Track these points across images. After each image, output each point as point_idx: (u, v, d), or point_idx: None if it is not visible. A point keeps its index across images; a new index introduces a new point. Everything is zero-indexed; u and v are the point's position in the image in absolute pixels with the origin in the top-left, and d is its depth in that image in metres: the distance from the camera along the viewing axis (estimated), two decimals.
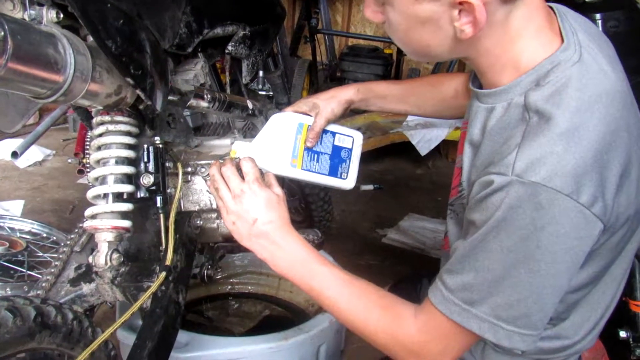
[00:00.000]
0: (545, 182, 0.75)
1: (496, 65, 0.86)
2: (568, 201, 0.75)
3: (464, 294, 0.83)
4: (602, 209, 0.77)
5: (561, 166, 0.75)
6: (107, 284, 1.14)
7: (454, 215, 1.01)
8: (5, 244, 2.02)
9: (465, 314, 0.83)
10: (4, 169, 3.21)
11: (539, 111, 0.79)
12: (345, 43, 5.11)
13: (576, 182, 0.75)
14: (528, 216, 0.76)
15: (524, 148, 0.77)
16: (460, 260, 0.85)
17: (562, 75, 0.80)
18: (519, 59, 0.84)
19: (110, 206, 1.11)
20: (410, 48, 0.89)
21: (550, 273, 0.79)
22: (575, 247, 0.78)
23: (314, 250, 1.00)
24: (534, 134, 0.78)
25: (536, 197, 0.75)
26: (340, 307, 0.95)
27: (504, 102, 0.86)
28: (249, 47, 1.48)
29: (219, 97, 1.38)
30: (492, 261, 0.81)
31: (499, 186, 0.78)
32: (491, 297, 0.81)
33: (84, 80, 0.89)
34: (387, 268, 2.47)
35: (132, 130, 1.16)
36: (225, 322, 1.91)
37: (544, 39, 0.83)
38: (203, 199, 1.31)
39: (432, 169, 3.67)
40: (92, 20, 0.83)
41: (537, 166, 0.76)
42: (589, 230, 0.78)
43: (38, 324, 0.93)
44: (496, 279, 0.81)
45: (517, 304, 0.81)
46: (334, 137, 1.26)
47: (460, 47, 0.84)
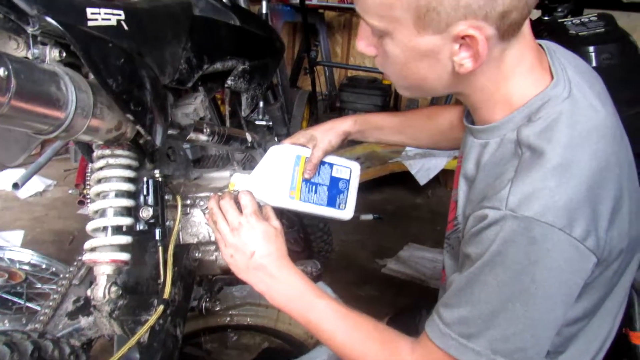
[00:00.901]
0: (538, 217, 0.76)
1: (489, 102, 0.88)
2: (561, 235, 0.76)
3: (460, 327, 0.84)
4: (595, 243, 0.78)
5: (554, 201, 0.76)
6: (105, 317, 1.14)
7: (450, 249, 1.02)
8: (4, 275, 2.02)
9: (462, 349, 0.83)
10: (5, 199, 3.22)
11: (531, 146, 0.81)
12: (344, 74, 5.17)
13: (569, 217, 0.76)
14: (522, 250, 0.77)
15: (517, 183, 0.79)
16: (457, 293, 0.85)
17: (553, 111, 0.82)
18: (511, 95, 0.85)
19: (109, 239, 1.12)
20: (406, 82, 0.90)
21: (546, 306, 0.80)
22: (569, 281, 0.79)
23: (312, 283, 1.01)
24: (526, 169, 0.79)
25: (530, 232, 0.76)
26: (338, 341, 0.95)
27: (497, 138, 0.88)
28: (248, 81, 1.50)
29: (218, 131, 1.40)
30: (487, 295, 0.81)
31: (493, 220, 0.79)
32: (487, 330, 0.82)
33: (85, 117, 0.91)
34: (387, 299, 2.46)
35: (132, 163, 1.17)
36: (224, 355, 1.89)
37: (535, 76, 0.85)
38: (202, 232, 1.31)
39: (431, 198, 3.68)
40: (94, 59, 0.85)
41: (530, 201, 0.77)
42: (583, 264, 0.79)
43: (35, 359, 0.93)
44: (492, 312, 0.81)
45: (513, 337, 0.81)
46: (331, 168, 1.27)
47: (457, 82, 0.86)
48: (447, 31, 0.77)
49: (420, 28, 0.78)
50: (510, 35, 0.79)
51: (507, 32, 0.78)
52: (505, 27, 0.77)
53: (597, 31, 1.83)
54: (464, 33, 0.76)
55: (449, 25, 0.76)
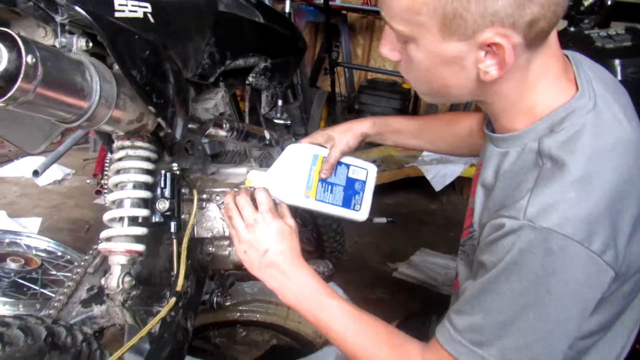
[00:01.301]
0: (556, 229, 0.75)
1: (512, 111, 0.87)
2: (579, 248, 0.75)
3: (472, 335, 0.83)
4: (613, 257, 0.77)
5: (573, 213, 0.75)
6: (118, 306, 1.15)
7: (465, 257, 1.02)
8: (20, 260, 2.05)
9: (472, 356, 0.83)
10: (24, 186, 3.26)
11: (553, 157, 0.80)
12: (364, 76, 5.17)
13: (588, 230, 0.75)
14: (539, 261, 0.76)
15: (537, 193, 0.78)
16: (470, 301, 0.85)
17: (577, 123, 0.81)
18: (534, 105, 0.85)
19: (125, 229, 1.13)
20: (429, 88, 0.89)
21: (560, 319, 0.79)
22: (586, 294, 0.78)
23: (323, 282, 1.01)
24: (546, 179, 0.78)
25: (547, 243, 0.76)
26: (347, 342, 0.95)
27: (518, 148, 0.87)
28: (269, 79, 1.51)
29: (238, 127, 1.40)
30: (501, 304, 0.80)
31: (511, 230, 0.78)
32: (499, 339, 0.81)
33: (108, 107, 0.92)
34: (397, 302, 2.45)
35: (151, 156, 1.18)
36: (232, 350, 1.90)
37: (560, 87, 0.84)
38: (216, 226, 1.32)
39: (446, 205, 3.66)
40: (120, 50, 0.86)
41: (549, 212, 0.76)
42: (600, 278, 0.78)
43: (48, 344, 0.94)
44: (505, 321, 0.80)
45: (526, 348, 0.80)
46: (348, 169, 1.27)
47: (480, 90, 0.85)
48: (474, 38, 0.76)
49: (445, 34, 0.77)
50: (537, 44, 0.79)
51: (534, 40, 0.77)
52: (532, 36, 0.76)
53: (624, 44, 1.80)
54: (491, 40, 0.75)
55: (476, 32, 0.75)
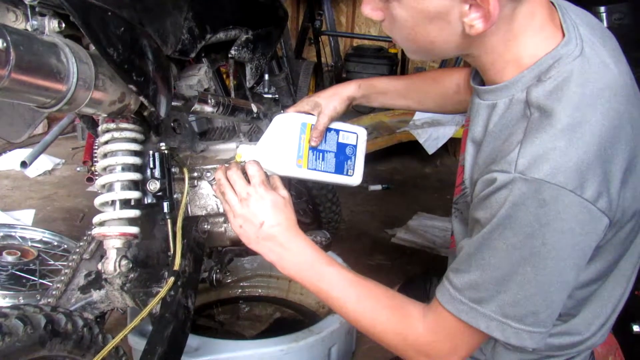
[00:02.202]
0: (548, 179, 0.74)
1: (499, 62, 0.85)
2: (572, 197, 0.74)
3: (471, 292, 0.83)
4: (607, 204, 0.76)
5: (564, 162, 0.74)
6: (117, 290, 1.15)
7: (459, 214, 1.01)
8: (17, 253, 2.03)
9: (472, 313, 0.83)
10: (14, 179, 3.24)
11: (541, 107, 0.79)
12: (350, 44, 5.11)
13: (580, 178, 0.74)
14: (532, 213, 0.76)
15: (526, 145, 0.77)
16: (466, 259, 0.84)
17: (564, 70, 0.79)
18: (521, 55, 0.83)
19: (117, 213, 1.12)
20: (415, 45, 0.88)
21: (557, 269, 0.79)
22: (581, 243, 0.78)
23: (321, 251, 1.00)
24: (535, 130, 0.77)
25: (540, 194, 0.75)
26: (349, 308, 0.95)
27: (506, 99, 0.86)
28: (252, 50, 1.48)
29: (224, 102, 1.38)
30: (498, 259, 0.80)
31: (502, 184, 0.78)
32: (498, 295, 0.81)
33: (87, 89, 0.90)
34: (397, 268, 2.46)
35: (138, 137, 1.17)
36: (236, 326, 1.91)
37: (546, 34, 0.82)
38: (210, 204, 1.31)
39: (440, 168, 3.66)
40: (94, 28, 0.84)
41: (539, 163, 0.75)
42: (594, 226, 0.77)
43: (49, 332, 0.93)
44: (503, 276, 0.80)
45: (525, 301, 0.80)
46: (337, 134, 1.26)
47: (466, 44, 0.83)
48: None
49: None
50: None
51: None
52: None
53: None
54: None
55: None
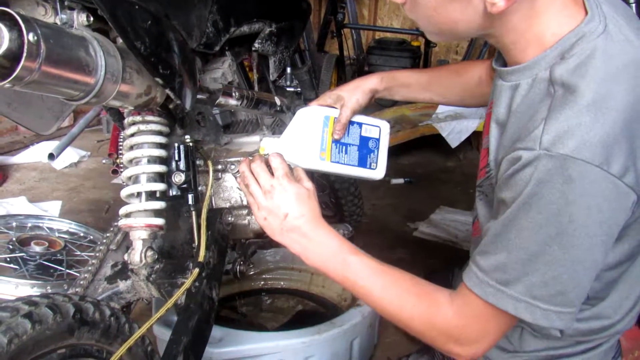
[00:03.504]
0: (574, 154, 0.74)
1: (521, 42, 0.85)
2: (598, 172, 0.74)
3: (497, 274, 0.83)
4: (634, 179, 0.76)
5: (589, 137, 0.74)
6: (143, 280, 1.16)
7: (483, 197, 1.01)
8: (44, 243, 2.07)
9: (500, 295, 0.83)
10: (42, 170, 3.30)
11: (565, 84, 0.78)
12: (372, 37, 5.08)
13: (606, 153, 0.74)
14: (558, 190, 0.75)
15: (551, 121, 0.77)
16: (493, 240, 0.84)
17: (587, 47, 0.79)
18: (543, 34, 0.83)
19: (143, 205, 1.13)
20: (436, 27, 0.88)
21: (584, 247, 0.78)
22: (609, 220, 0.77)
23: (346, 241, 1.00)
24: (560, 106, 0.77)
25: (566, 170, 0.74)
26: (375, 296, 0.95)
27: (529, 79, 0.85)
28: (275, 44, 1.48)
29: (247, 95, 1.39)
30: (524, 239, 0.80)
31: (527, 161, 0.77)
32: (526, 276, 0.81)
33: (115, 82, 0.91)
34: (419, 262, 2.45)
35: (163, 129, 1.18)
36: (259, 318, 1.92)
37: (569, 13, 0.82)
38: (234, 196, 1.32)
39: (462, 161, 3.63)
40: (121, 22, 0.85)
41: (564, 138, 0.75)
42: (622, 202, 0.77)
43: (77, 321, 0.95)
44: (529, 256, 0.80)
45: (553, 281, 0.80)
46: (360, 127, 1.26)
47: (488, 23, 0.84)
48: None
49: None
50: None
51: None
52: None
53: None
54: None
55: None
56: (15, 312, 0.87)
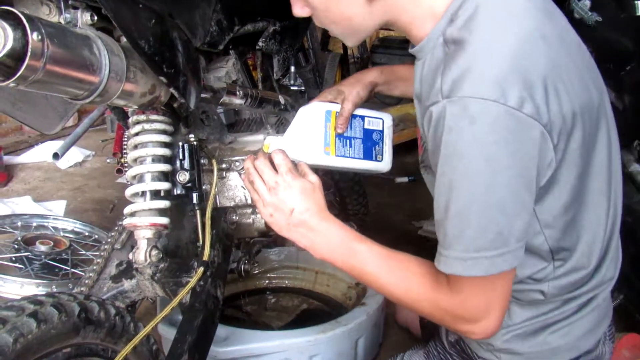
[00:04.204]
0: (471, 94, 0.78)
1: (417, 20, 0.91)
2: (497, 106, 0.77)
3: (442, 238, 0.86)
4: (533, 109, 0.79)
5: (482, 76, 0.78)
6: (147, 280, 1.16)
7: (428, 170, 1.03)
8: (49, 243, 2.08)
9: (447, 261, 0.86)
10: (46, 170, 3.31)
11: (455, 40, 0.84)
12: (376, 35, 5.08)
13: (500, 87, 0.77)
14: (467, 132, 0.79)
15: (446, 72, 0.82)
16: (435, 206, 0.87)
17: (470, 6, 0.84)
18: (432, 5, 0.88)
19: (148, 204, 1.13)
20: (339, 28, 0.96)
21: (504, 183, 0.80)
22: (519, 151, 0.80)
23: (352, 230, 1.02)
24: (452, 58, 0.82)
25: (467, 110, 0.78)
26: (382, 281, 0.97)
27: (432, 51, 0.90)
28: (279, 42, 1.48)
29: (251, 94, 1.39)
30: (452, 191, 0.82)
31: (437, 114, 0.82)
32: (462, 232, 0.83)
33: (119, 81, 0.91)
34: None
35: (167, 128, 1.18)
36: (264, 317, 1.92)
37: None
38: (238, 195, 1.32)
39: None
40: (125, 21, 0.85)
41: (460, 82, 0.79)
42: (527, 132, 0.79)
43: (82, 320, 0.95)
44: (461, 210, 0.83)
45: (489, 226, 0.82)
46: (363, 120, 1.26)
47: (378, 12, 0.90)
48: None
49: None
50: None
51: None
52: None
53: None
54: None
55: None
56: (21, 311, 0.87)
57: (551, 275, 0.95)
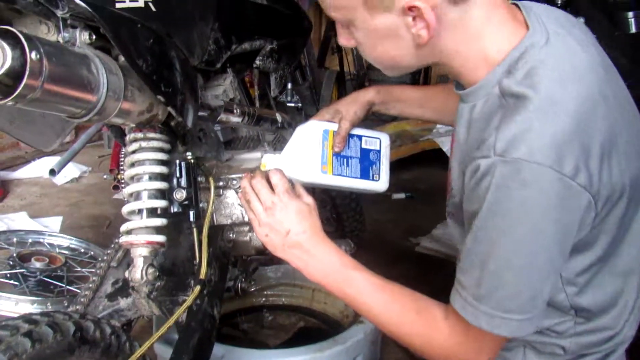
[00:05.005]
0: (526, 157, 0.76)
1: (468, 65, 0.88)
2: (551, 173, 0.76)
3: (474, 290, 0.84)
4: (587, 179, 0.77)
5: (540, 139, 0.76)
6: (144, 298, 1.16)
7: (452, 217, 1.03)
8: (45, 259, 2.06)
9: (475, 312, 0.84)
10: (43, 186, 3.30)
11: (514, 94, 0.81)
12: None
13: (557, 154, 0.76)
14: (516, 195, 0.77)
15: (502, 128, 0.79)
16: (467, 255, 0.85)
17: (532, 59, 0.82)
18: (487, 53, 0.85)
19: (144, 221, 1.13)
20: (381, 63, 0.94)
21: (544, 249, 0.80)
22: (564, 219, 0.79)
23: (347, 256, 1.01)
24: (510, 114, 0.80)
25: (520, 174, 0.76)
26: (375, 312, 0.96)
27: (483, 98, 0.87)
28: (276, 60, 1.49)
29: (249, 111, 1.39)
30: (491, 249, 0.81)
31: (485, 169, 0.79)
32: (496, 290, 0.82)
33: (117, 99, 0.91)
34: (421, 277, 2.44)
35: (165, 146, 1.18)
36: (260, 335, 1.91)
37: (508, 30, 0.85)
38: (235, 213, 1.32)
39: None
40: (123, 40, 0.85)
41: (516, 143, 0.77)
42: (575, 202, 0.78)
43: (77, 339, 0.95)
44: (499, 268, 0.81)
45: (524, 290, 0.82)
46: (360, 140, 1.26)
47: (424, 53, 0.87)
48: (395, 7, 0.80)
49: (371, 9, 0.82)
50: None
51: None
52: None
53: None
54: (410, 4, 0.78)
55: (394, 1, 0.79)
56: (16, 331, 0.86)
57: (572, 331, 0.94)
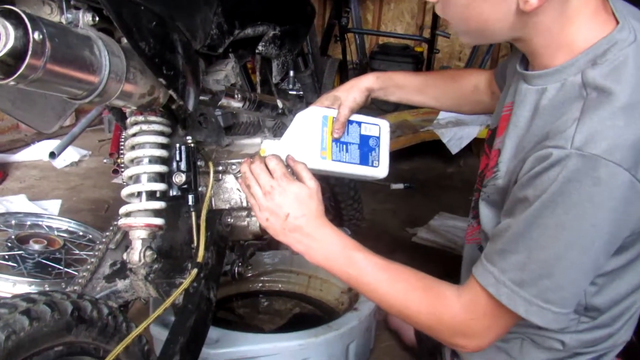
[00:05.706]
0: (605, 155, 0.74)
1: (551, 46, 0.85)
2: (626, 176, 0.75)
3: (514, 273, 0.83)
4: None
5: (622, 140, 0.75)
6: (141, 280, 1.17)
7: (486, 197, 1.01)
8: (43, 242, 2.07)
9: (513, 296, 0.83)
10: (42, 169, 3.30)
11: (599, 87, 0.79)
12: (375, 42, 5.09)
13: (635, 157, 0.75)
14: (586, 191, 0.76)
15: (584, 121, 0.77)
16: (514, 239, 0.83)
17: (620, 54, 0.80)
18: (574, 39, 0.83)
19: (143, 204, 1.14)
20: (467, 26, 0.89)
21: (597, 249, 0.79)
22: (621, 221, 0.78)
23: (349, 238, 1.01)
24: (594, 107, 0.78)
25: (595, 171, 0.75)
26: (380, 292, 0.96)
27: (557, 83, 0.85)
28: (279, 47, 1.49)
29: (250, 97, 1.39)
30: (547, 239, 0.80)
31: (557, 159, 0.77)
32: (541, 279, 0.81)
33: (119, 81, 0.92)
34: (417, 267, 2.45)
35: (165, 130, 1.18)
36: (256, 320, 1.92)
37: (600, 21, 0.83)
38: (234, 198, 1.32)
39: (463, 168, 3.63)
40: (126, 22, 0.85)
41: (597, 139, 0.75)
42: (636, 206, 0.78)
43: (75, 318, 0.95)
44: (549, 259, 0.80)
45: (569, 285, 0.81)
46: (359, 126, 1.26)
47: (520, 23, 0.84)
48: None
49: None
50: None
51: None
52: None
53: None
54: None
55: None
56: (14, 309, 0.87)
57: (573, 328, 0.95)
